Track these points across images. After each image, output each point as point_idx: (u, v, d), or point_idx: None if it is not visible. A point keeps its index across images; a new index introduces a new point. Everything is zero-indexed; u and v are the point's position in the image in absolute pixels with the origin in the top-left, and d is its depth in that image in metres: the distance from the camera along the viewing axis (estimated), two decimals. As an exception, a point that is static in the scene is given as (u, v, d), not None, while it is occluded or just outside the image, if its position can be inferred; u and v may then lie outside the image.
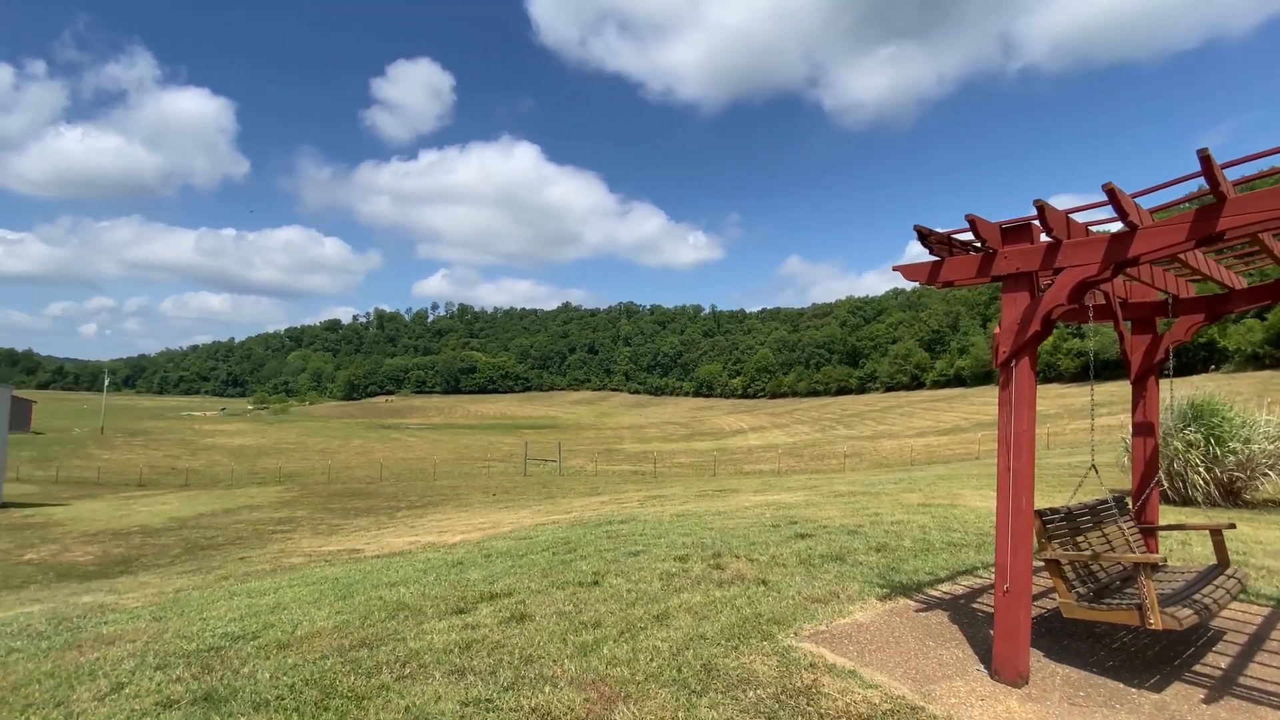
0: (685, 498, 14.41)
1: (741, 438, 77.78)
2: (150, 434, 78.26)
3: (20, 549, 16.59)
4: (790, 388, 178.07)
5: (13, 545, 17.19)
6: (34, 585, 12.05)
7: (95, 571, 13.96)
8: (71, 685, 3.75)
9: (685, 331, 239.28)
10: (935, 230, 3.80)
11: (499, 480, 33.52)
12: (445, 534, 12.18)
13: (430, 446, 70.90)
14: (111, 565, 14.83)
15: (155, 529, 19.91)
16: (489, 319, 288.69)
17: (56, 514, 23.88)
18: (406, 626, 4.57)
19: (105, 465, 51.58)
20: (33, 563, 14.92)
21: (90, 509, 25.71)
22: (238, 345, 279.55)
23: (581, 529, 9.28)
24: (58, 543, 17.70)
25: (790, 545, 6.81)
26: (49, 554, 16.01)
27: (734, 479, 29.30)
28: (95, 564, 15.05)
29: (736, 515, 9.67)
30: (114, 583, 11.00)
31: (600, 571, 5.85)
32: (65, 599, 8.29)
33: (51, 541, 17.94)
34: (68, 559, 15.52)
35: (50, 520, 22.09)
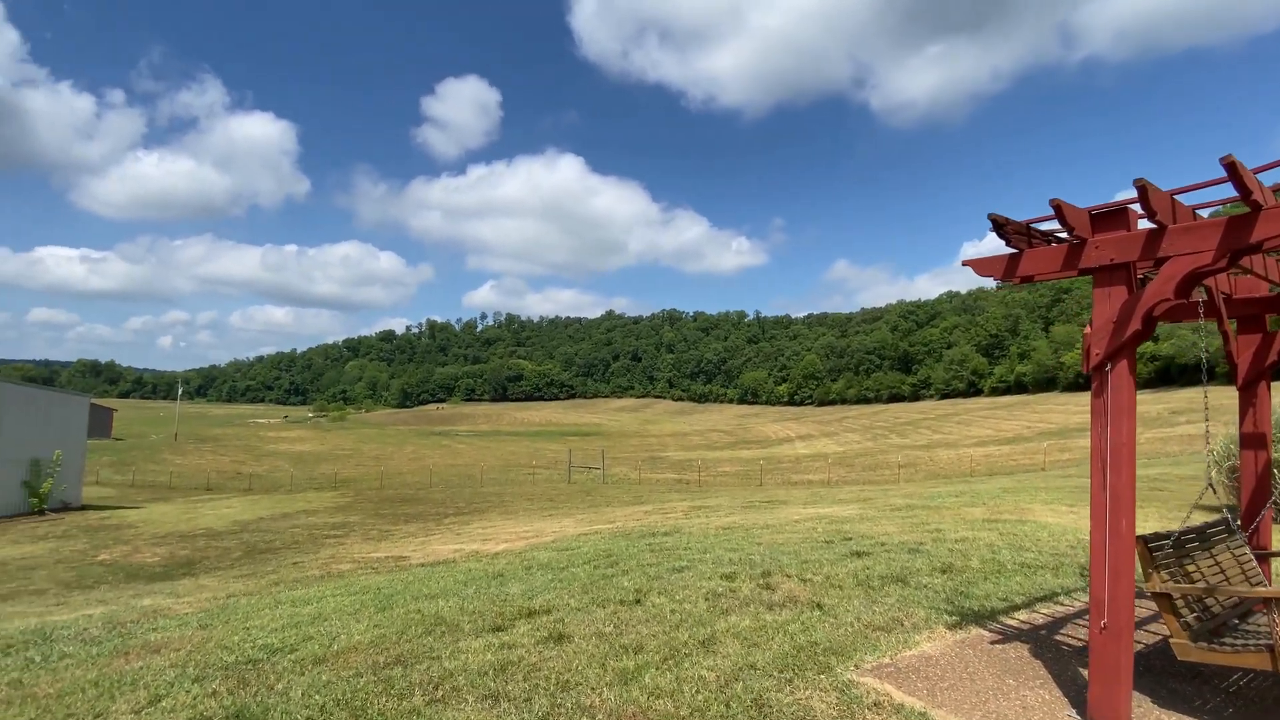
0: (731, 509, 13.99)
1: (789, 446, 76.18)
2: (219, 440, 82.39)
3: (95, 549, 17.48)
4: (839, 395, 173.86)
5: (89, 546, 18.14)
6: (104, 586, 12.60)
7: (161, 573, 14.53)
8: (112, 696, 3.73)
9: (729, 338, 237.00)
10: (1012, 220, 3.41)
11: (543, 487, 33.67)
12: (489, 542, 12.15)
13: (478, 453, 72.16)
14: (176, 567, 15.43)
15: (219, 532, 20.71)
16: (535, 328, 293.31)
17: (130, 516, 25.18)
18: (442, 643, 4.42)
19: (177, 470, 54.46)
20: (105, 563, 15.67)
21: (161, 512, 27.04)
22: (299, 356, 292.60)
23: (624, 541, 9.03)
24: (129, 544, 18.59)
25: (845, 564, 6.39)
26: (120, 555, 16.80)
27: (782, 489, 28.55)
28: (162, 565, 15.69)
29: (786, 529, 9.25)
30: (176, 585, 11.39)
31: (642, 589, 5.59)
32: (128, 601, 8.57)
33: (124, 543, 18.86)
34: (137, 560, 16.25)
35: (124, 522, 23.29)
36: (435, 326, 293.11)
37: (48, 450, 24.23)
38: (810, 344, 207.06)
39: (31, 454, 23.63)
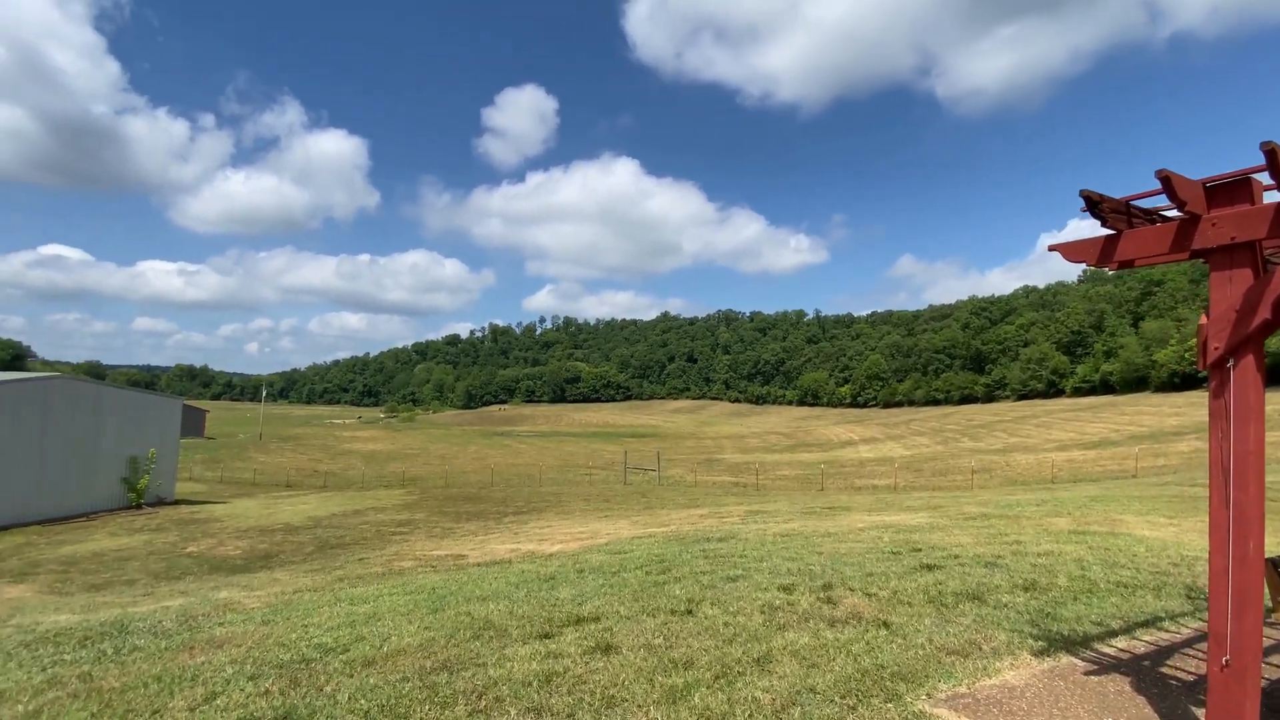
0: (790, 515, 13.51)
1: (851, 449, 73.77)
2: (299, 440, 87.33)
3: (184, 542, 18.70)
4: (906, 396, 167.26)
5: (179, 538, 19.43)
6: (189, 577, 13.40)
7: (241, 565, 15.37)
8: (172, 692, 3.83)
9: (787, 338, 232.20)
10: (1109, 196, 3.00)
11: (600, 488, 33.81)
12: (545, 542, 12.18)
13: (537, 453, 73.45)
14: (255, 560, 16.28)
15: (295, 527, 21.78)
16: (591, 330, 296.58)
17: (217, 511, 26.88)
18: (489, 649, 4.34)
19: (261, 467, 57.99)
20: (192, 555, 16.72)
21: (245, 507, 28.75)
22: (372, 359, 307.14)
23: (678, 545, 8.81)
24: (215, 537, 19.80)
25: (915, 578, 5.95)
26: (206, 547, 17.90)
27: (844, 495, 27.56)
28: (242, 558, 16.60)
29: (849, 538, 8.79)
30: (252, 578, 11.97)
31: (695, 598, 5.36)
32: (206, 594, 9.02)
33: (210, 536, 20.11)
34: (220, 553, 17.26)
35: (211, 516, 24.88)
36: (497, 330, 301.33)
37: (144, 449, 26.18)
38: (874, 343, 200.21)
39: (130, 452, 25.59)
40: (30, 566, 14.79)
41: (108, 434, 24.86)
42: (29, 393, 22.53)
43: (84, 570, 14.52)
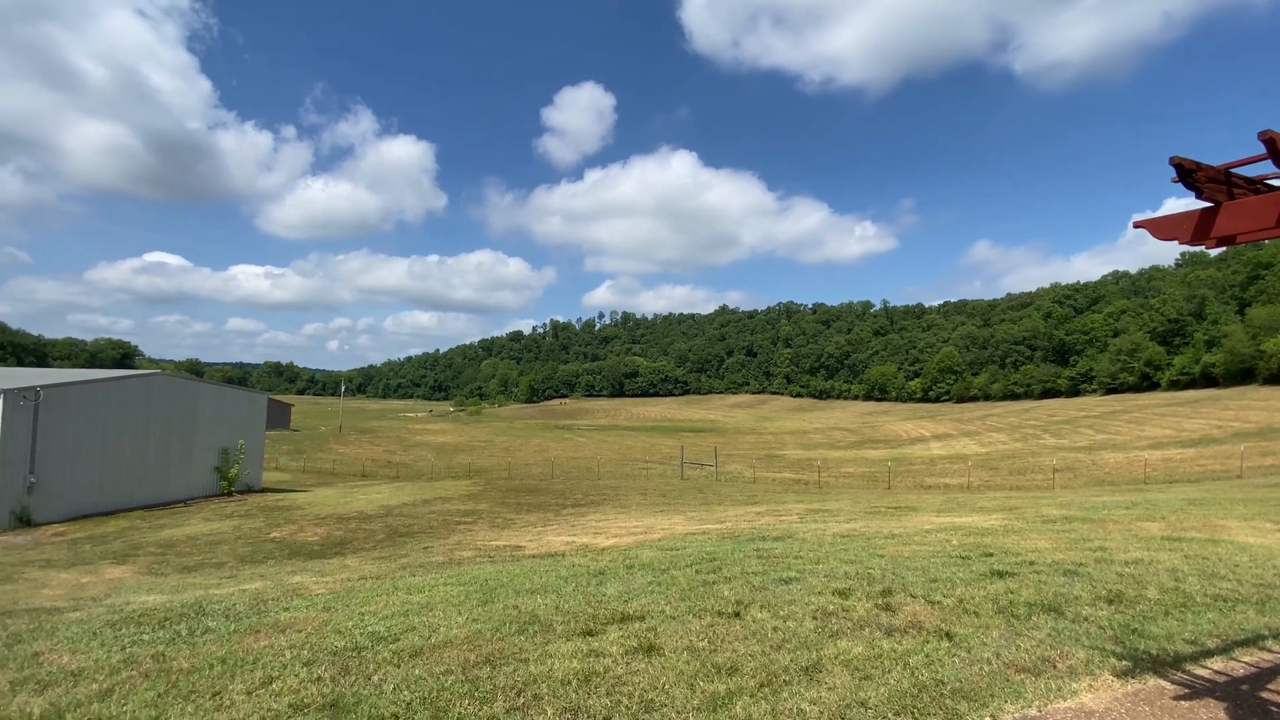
0: (852, 514, 13.02)
1: (922, 446, 70.77)
2: (375, 432, 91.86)
3: (269, 528, 19.96)
4: (981, 390, 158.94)
5: (264, 524, 20.75)
6: (270, 561, 14.27)
7: (317, 551, 16.24)
8: (234, 674, 4.01)
9: (852, 330, 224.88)
10: (1205, 164, 2.63)
11: (657, 482, 33.82)
12: (600, 536, 12.24)
13: (597, 446, 74.35)
14: (331, 546, 17.18)
15: (369, 515, 22.87)
16: (649, 325, 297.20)
17: (299, 499, 28.59)
18: (533, 644, 4.33)
19: (339, 458, 61.35)
20: (275, 540, 17.81)
21: (324, 495, 30.46)
22: (441, 356, 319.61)
23: (731, 543, 8.62)
24: (296, 524, 21.04)
25: (984, 585, 5.56)
26: (288, 533, 19.04)
27: (912, 494, 26.44)
28: (319, 544, 17.55)
29: (914, 540, 8.35)
30: (325, 563, 12.61)
31: (744, 600, 5.19)
32: (282, 578, 9.55)
33: (292, 522, 21.38)
34: (300, 538, 18.32)
35: (294, 504, 26.47)
36: (558, 326, 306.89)
37: (234, 440, 28.12)
38: (947, 335, 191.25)
39: (222, 443, 27.55)
40: (132, 549, 16.14)
41: (202, 426, 26.85)
42: (134, 389, 24.61)
43: (179, 553, 15.72)
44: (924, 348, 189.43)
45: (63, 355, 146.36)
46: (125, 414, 23.86)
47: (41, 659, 4.55)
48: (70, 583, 11.68)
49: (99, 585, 11.17)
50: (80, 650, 4.75)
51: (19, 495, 20.41)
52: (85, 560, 14.85)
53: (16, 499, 20.35)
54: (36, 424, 20.85)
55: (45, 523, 20.83)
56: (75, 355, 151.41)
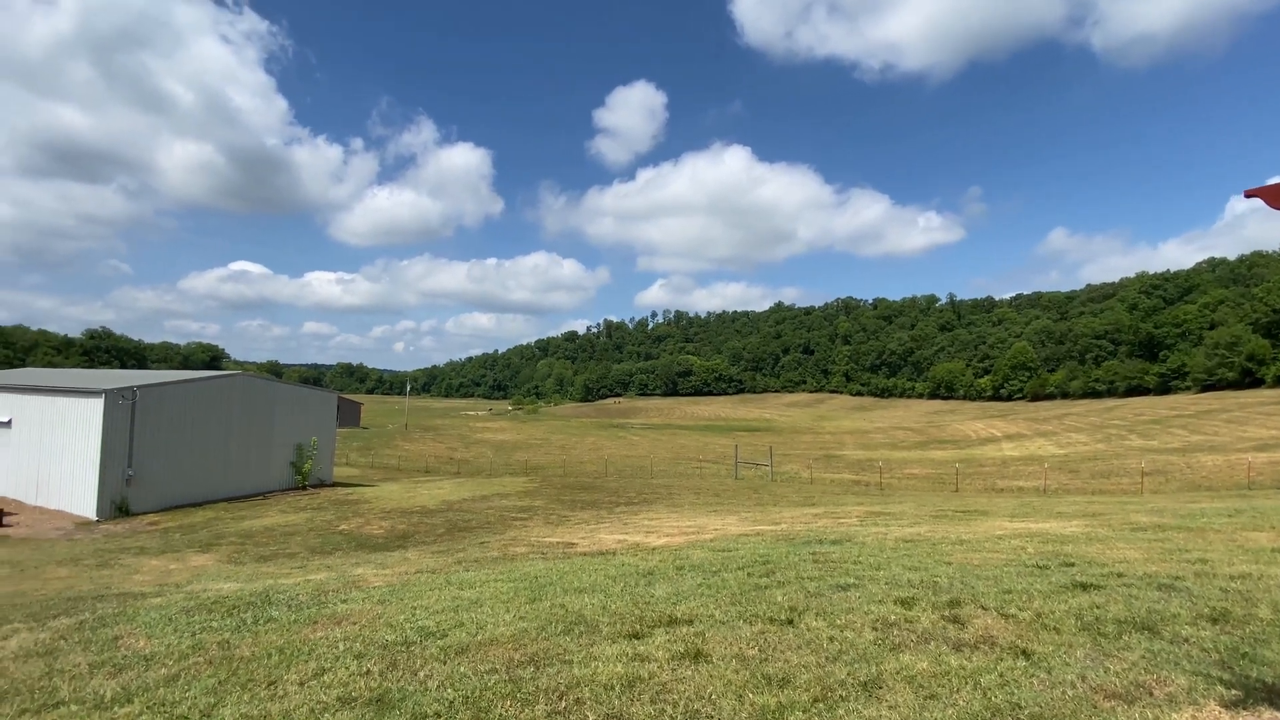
0: (916, 518, 12.41)
1: (993, 447, 67.31)
2: (438, 430, 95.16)
3: (338, 520, 20.89)
4: (1059, 388, 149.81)
5: (334, 517, 21.73)
6: (338, 553, 14.89)
7: (381, 544, 16.86)
8: (289, 664, 4.11)
9: (916, 326, 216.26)
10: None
11: (710, 482, 33.46)
12: (651, 535, 12.14)
13: (651, 445, 74.43)
14: (394, 539, 17.80)
15: (430, 510, 23.61)
16: (702, 323, 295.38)
17: (367, 493, 29.83)
18: (577, 645, 4.25)
19: (405, 454, 63.77)
20: (343, 533, 18.61)
21: (389, 490, 31.69)
22: (500, 356, 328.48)
23: (786, 546, 8.33)
24: (363, 517, 21.94)
25: (1065, 599, 5.11)
26: (355, 526, 19.87)
27: (982, 497, 25.12)
28: (383, 537, 18.22)
29: (985, 547, 7.83)
30: (387, 556, 13.04)
31: (798, 607, 4.95)
32: (345, 570, 9.90)
33: (359, 516, 22.31)
34: (366, 531, 19.07)
35: (362, 498, 27.64)
36: (611, 326, 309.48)
37: (308, 437, 29.61)
38: (1019, 329, 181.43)
39: (296, 439, 29.06)
40: (215, 538, 17.19)
41: (279, 424, 28.41)
42: (218, 388, 26.28)
43: (257, 543, 16.65)
44: (994, 343, 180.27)
45: (159, 358, 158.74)
46: (210, 412, 25.51)
47: (120, 643, 4.82)
48: (159, 569, 12.53)
49: (184, 572, 11.93)
50: (155, 635, 5.00)
51: (119, 487, 22.14)
52: (174, 548, 15.93)
53: (117, 490, 22.08)
54: (133, 421, 22.55)
55: (141, 512, 22.52)
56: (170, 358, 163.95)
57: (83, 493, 21.93)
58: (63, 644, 4.82)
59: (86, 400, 22.37)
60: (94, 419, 21.91)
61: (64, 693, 3.77)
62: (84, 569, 12.11)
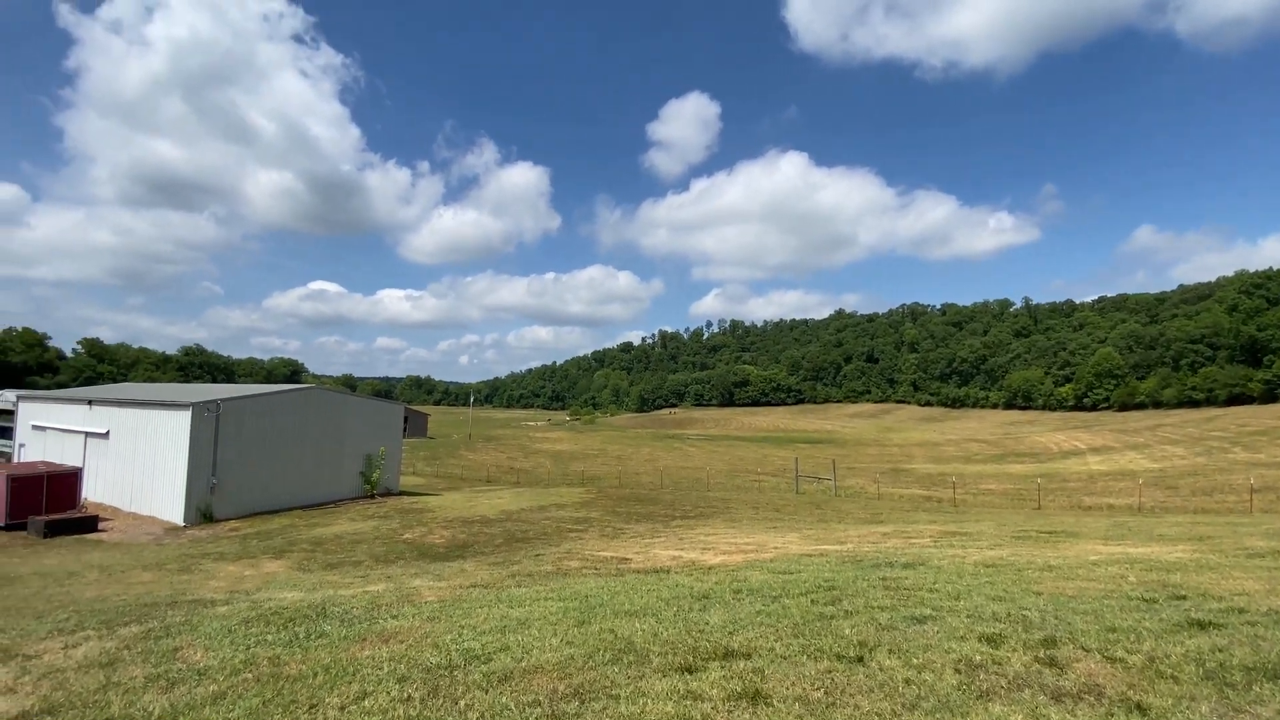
0: (997, 539, 11.49)
1: (1078, 460, 62.82)
2: (499, 440, 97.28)
3: (402, 529, 21.42)
4: (1150, 396, 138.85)
5: (399, 525, 22.31)
6: (400, 562, 15.17)
7: (442, 554, 17.11)
8: (333, 685, 4.02)
9: (989, 332, 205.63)
10: None
11: (769, 496, 32.52)
12: (708, 552, 11.73)
13: (707, 457, 73.46)
14: (454, 549, 18.05)
15: (490, 520, 23.92)
16: (759, 332, 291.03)
17: (430, 502, 30.59)
18: (625, 677, 3.97)
19: (468, 464, 65.37)
20: (406, 541, 19.03)
21: (452, 500, 32.41)
22: (558, 368, 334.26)
23: (853, 569, 7.79)
24: (426, 526, 22.43)
25: (1181, 639, 4.45)
26: (418, 535, 20.30)
27: (1069, 516, 23.30)
28: (444, 547, 18.51)
29: (1079, 574, 7.07)
30: (445, 566, 13.16)
31: (868, 641, 4.50)
32: (404, 580, 9.99)
33: (423, 524, 22.83)
34: (428, 540, 19.44)
35: (426, 507, 28.35)
36: (666, 336, 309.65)
37: (376, 447, 30.69)
38: (1104, 334, 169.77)
39: (366, 450, 30.16)
40: (288, 545, 17.88)
41: (349, 434, 29.57)
42: (293, 401, 27.62)
43: (326, 550, 17.22)
44: (1076, 349, 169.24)
45: (245, 373, 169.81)
46: (287, 423, 26.81)
47: (179, 654, 4.89)
48: (234, 575, 13.08)
49: (255, 578, 12.40)
50: (213, 647, 5.05)
51: (204, 494, 23.50)
52: (249, 554, 16.67)
53: (202, 498, 23.45)
54: (217, 433, 23.94)
55: (223, 519, 23.83)
56: (255, 372, 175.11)
57: (171, 500, 23.40)
58: (125, 654, 4.93)
59: (175, 413, 23.93)
60: (182, 431, 23.39)
61: (115, 708, 3.81)
62: (166, 574, 12.77)
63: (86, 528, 21.45)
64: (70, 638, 5.67)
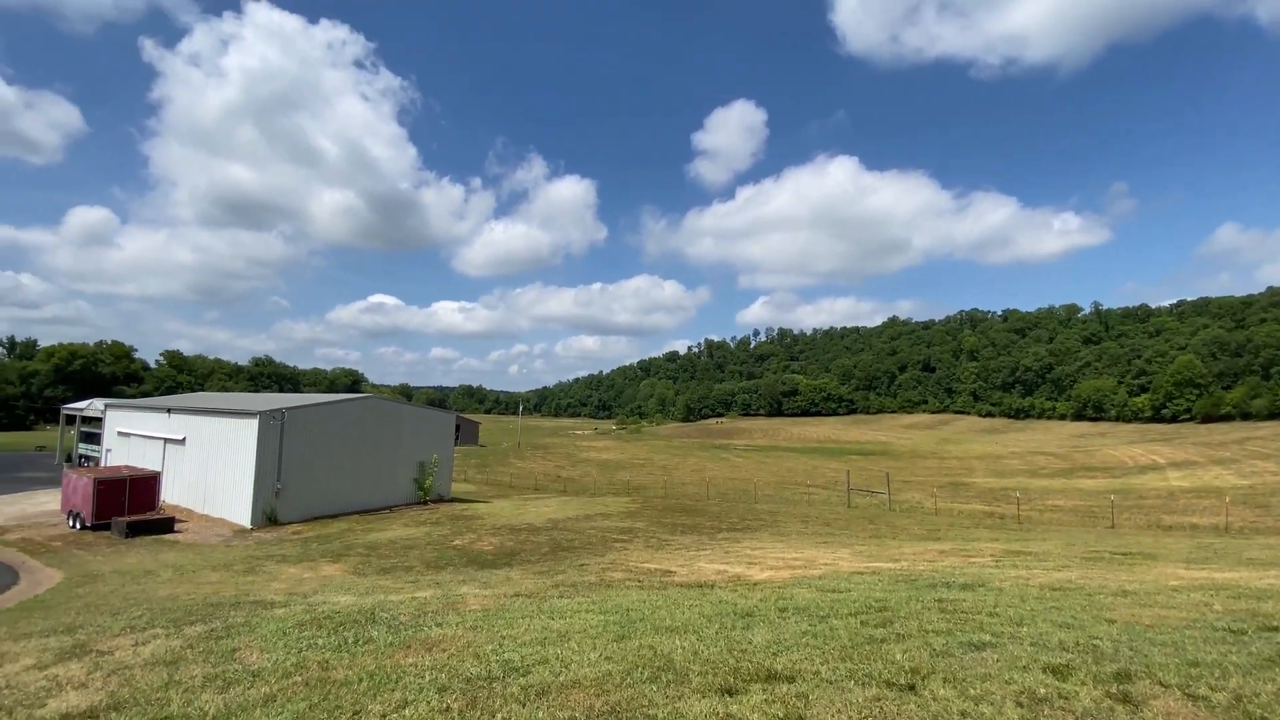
0: (1064, 559, 10.82)
1: (1156, 475, 58.79)
2: (547, 448, 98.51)
3: (453, 535, 21.88)
4: (1237, 407, 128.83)
5: (450, 531, 22.81)
6: (450, 568, 15.48)
7: (490, 560, 17.37)
8: (376, 692, 4.09)
9: (1055, 339, 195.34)
10: None
11: (820, 509, 31.66)
12: (754, 566, 11.48)
13: (755, 468, 72.27)
14: (501, 556, 18.30)
15: (537, 528, 24.18)
16: (808, 341, 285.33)
17: (480, 509, 31.18)
18: (663, 698, 3.89)
19: (516, 472, 66.38)
20: (456, 548, 19.42)
21: (501, 507, 32.95)
22: (604, 377, 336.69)
23: (906, 588, 7.46)
24: (475, 533, 22.85)
25: (1272, 676, 4.04)
26: (468, 541, 20.70)
27: (1146, 536, 21.78)
28: (492, 554, 18.80)
29: (1156, 601, 6.56)
30: (492, 574, 13.33)
31: (921, 668, 4.27)
32: (451, 587, 10.16)
33: (472, 531, 23.27)
34: (477, 547, 19.79)
35: (475, 514, 28.91)
36: (712, 345, 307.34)
37: (429, 455, 31.54)
38: (1184, 340, 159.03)
39: (419, 457, 31.03)
40: (345, 549, 18.51)
41: (404, 442, 30.52)
42: (351, 410, 28.72)
43: (380, 555, 17.75)
44: (1152, 357, 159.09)
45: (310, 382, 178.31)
46: (345, 431, 27.89)
47: (237, 655, 5.08)
48: (294, 577, 13.63)
49: (313, 581, 12.88)
50: (268, 649, 5.23)
51: (269, 499, 24.65)
52: (309, 557, 17.35)
53: (268, 502, 24.59)
54: (282, 440, 25.10)
55: (287, 522, 24.91)
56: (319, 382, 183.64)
57: (239, 503, 24.64)
58: (188, 653, 5.17)
59: (243, 421, 25.24)
60: (249, 437, 24.64)
61: (174, 706, 3.98)
62: (232, 574, 13.41)
63: (164, 529, 22.81)
64: (140, 635, 5.99)
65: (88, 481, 23.32)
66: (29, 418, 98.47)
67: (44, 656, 5.43)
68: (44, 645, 5.82)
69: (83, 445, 40.86)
